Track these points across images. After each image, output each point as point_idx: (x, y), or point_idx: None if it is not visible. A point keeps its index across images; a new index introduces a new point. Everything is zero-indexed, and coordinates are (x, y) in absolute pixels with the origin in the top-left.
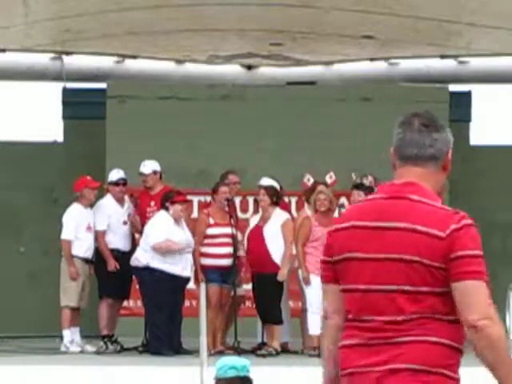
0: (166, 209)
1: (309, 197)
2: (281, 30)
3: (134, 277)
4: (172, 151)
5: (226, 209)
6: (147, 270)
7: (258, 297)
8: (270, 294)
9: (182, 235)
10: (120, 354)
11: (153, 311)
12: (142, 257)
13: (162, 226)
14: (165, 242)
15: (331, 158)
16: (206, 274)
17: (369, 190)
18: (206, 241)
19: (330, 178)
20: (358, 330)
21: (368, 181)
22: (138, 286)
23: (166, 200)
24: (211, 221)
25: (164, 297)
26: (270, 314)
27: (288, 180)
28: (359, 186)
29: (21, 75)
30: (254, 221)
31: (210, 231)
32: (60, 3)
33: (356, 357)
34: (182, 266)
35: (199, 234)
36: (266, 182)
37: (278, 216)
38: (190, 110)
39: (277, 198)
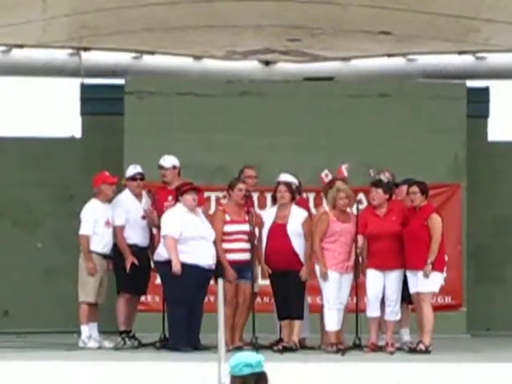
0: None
1: (326, 192)
2: (298, 26)
3: (151, 272)
4: (189, 147)
5: (243, 203)
6: (169, 264)
7: (279, 293)
8: (294, 290)
9: (199, 224)
10: (138, 350)
11: (174, 306)
12: (164, 251)
13: (175, 218)
14: (173, 240)
15: (349, 154)
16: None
17: (387, 186)
18: (223, 237)
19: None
20: None
21: (385, 176)
22: (157, 282)
23: (178, 194)
24: (227, 218)
25: (185, 291)
26: (294, 309)
27: (306, 176)
28: (377, 184)
29: (39, 71)
30: (268, 216)
31: (227, 228)
32: None
33: None
34: (202, 256)
35: (218, 231)
36: (285, 177)
37: (298, 213)
38: (208, 106)
39: (294, 194)
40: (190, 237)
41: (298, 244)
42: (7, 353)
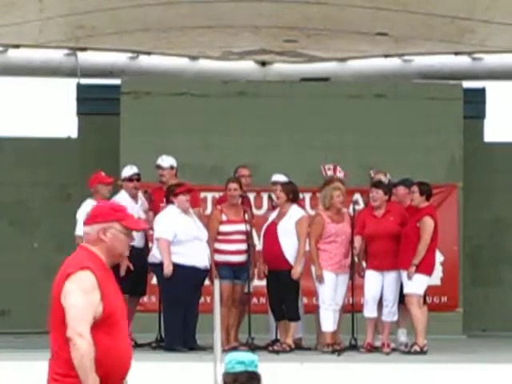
0: (172, 203)
1: (321, 191)
2: (295, 27)
3: (148, 273)
4: (186, 147)
5: (239, 203)
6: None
7: (273, 293)
8: (286, 291)
9: (193, 225)
10: (134, 350)
11: (170, 307)
12: (158, 253)
13: (169, 220)
14: (166, 243)
15: (345, 155)
16: (219, 270)
17: (387, 187)
18: (219, 237)
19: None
20: None
21: (387, 178)
22: (153, 282)
23: (169, 194)
24: (224, 217)
25: (181, 292)
26: (286, 310)
27: (302, 176)
28: (378, 184)
29: (35, 71)
30: (271, 217)
31: (223, 228)
32: None
33: None
34: (198, 257)
35: (212, 230)
36: (278, 178)
37: (294, 213)
38: (204, 106)
39: (293, 194)
40: (184, 239)
41: (289, 243)
42: (4, 353)
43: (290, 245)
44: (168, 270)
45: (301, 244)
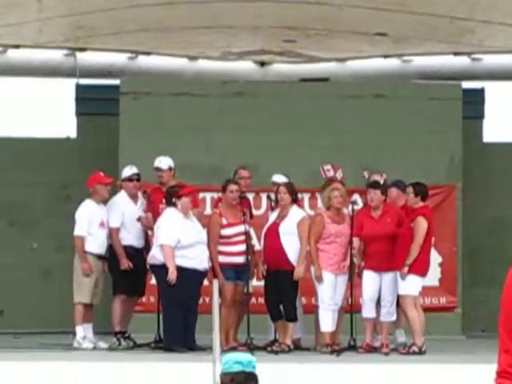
0: (173, 204)
1: (321, 192)
2: (294, 27)
3: (147, 273)
4: (185, 147)
5: (237, 204)
6: (164, 268)
7: (271, 294)
8: (286, 291)
9: (194, 229)
10: (133, 351)
11: (170, 308)
12: (159, 254)
13: (172, 225)
14: (170, 249)
15: (344, 155)
16: (222, 271)
17: (384, 187)
18: (221, 240)
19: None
20: None
21: (383, 178)
22: (152, 283)
23: (172, 196)
24: (224, 221)
25: (181, 294)
26: (285, 311)
27: (301, 176)
28: (375, 185)
29: (34, 71)
30: (272, 217)
31: (224, 232)
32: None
33: None
34: (199, 260)
35: (213, 234)
36: (278, 178)
37: (295, 214)
38: (204, 107)
39: (295, 195)
40: (187, 244)
41: (290, 244)
42: (2, 353)
43: (291, 245)
44: (173, 276)
45: (303, 245)
